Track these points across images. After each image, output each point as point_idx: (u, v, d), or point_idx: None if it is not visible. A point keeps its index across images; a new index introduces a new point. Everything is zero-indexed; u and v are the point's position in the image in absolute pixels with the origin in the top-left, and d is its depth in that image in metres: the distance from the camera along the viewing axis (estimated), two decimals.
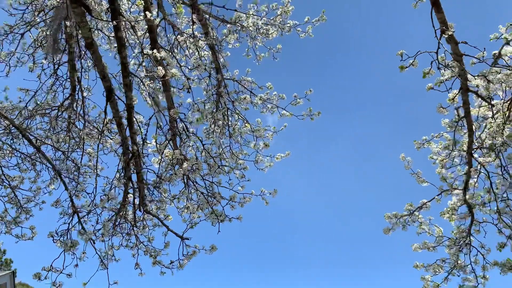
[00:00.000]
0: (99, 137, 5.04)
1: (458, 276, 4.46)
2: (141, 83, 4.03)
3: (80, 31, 3.93)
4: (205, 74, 5.48)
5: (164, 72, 3.72)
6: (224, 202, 4.85)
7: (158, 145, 4.20)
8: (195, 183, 5.07)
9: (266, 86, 5.77)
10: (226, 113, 5.45)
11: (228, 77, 5.59)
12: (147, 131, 4.64)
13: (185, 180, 5.08)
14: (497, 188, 4.10)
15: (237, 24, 5.68)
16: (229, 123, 5.54)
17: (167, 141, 4.25)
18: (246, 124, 5.46)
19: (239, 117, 5.61)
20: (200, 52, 5.47)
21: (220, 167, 5.06)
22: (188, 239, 4.68)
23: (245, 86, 5.78)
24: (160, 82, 4.48)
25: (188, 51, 5.98)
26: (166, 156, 3.79)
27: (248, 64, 6.11)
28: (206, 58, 5.86)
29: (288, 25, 6.14)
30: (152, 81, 4.05)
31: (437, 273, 4.53)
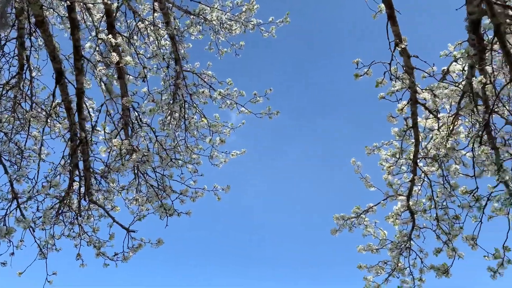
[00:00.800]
0: (46, 121, 4.79)
1: (398, 278, 4.67)
2: (94, 68, 3.87)
3: (30, 8, 3.71)
4: (164, 64, 5.37)
5: (118, 59, 3.59)
6: (175, 196, 4.78)
7: (107, 133, 4.06)
8: (145, 175, 4.95)
9: (226, 82, 5.75)
10: (183, 105, 5.36)
11: (188, 69, 5.50)
12: (97, 118, 4.48)
13: (135, 171, 4.95)
14: (437, 197, 4.32)
15: (201, 16, 5.60)
16: (186, 116, 5.46)
17: (117, 130, 4.11)
18: (203, 119, 5.41)
19: (197, 110, 5.54)
20: (160, 41, 5.35)
21: (173, 160, 4.97)
22: (134, 231, 4.57)
23: (204, 80, 5.71)
24: (115, 69, 4.33)
25: (148, 39, 5.83)
26: (115, 145, 3.66)
27: (210, 58, 6.04)
28: (166, 48, 5.74)
29: (252, 23, 6.14)
30: (105, 67, 3.91)
31: (378, 274, 4.71)
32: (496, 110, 4.21)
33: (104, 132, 3.89)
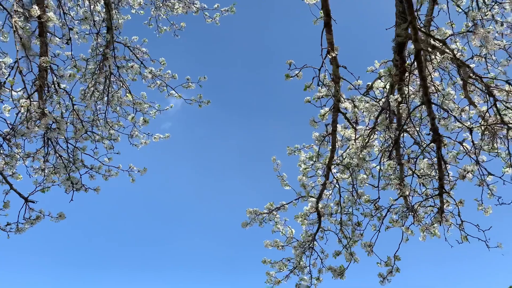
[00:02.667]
0: None
1: (298, 275, 4.86)
2: (10, 18, 3.50)
3: None
4: (94, 32, 5.03)
5: (39, 13, 3.29)
6: (84, 171, 4.52)
7: (16, 92, 3.70)
8: (56, 145, 4.62)
9: (160, 61, 5.55)
10: (108, 77, 5.08)
11: (120, 41, 5.22)
12: (8, 75, 4.07)
13: (45, 139, 4.59)
14: (344, 202, 4.57)
15: None
16: (110, 89, 5.18)
17: (27, 91, 3.77)
18: (128, 94, 5.17)
19: (123, 85, 5.28)
20: (93, 5, 5.00)
21: (89, 133, 4.69)
22: (33, 202, 4.23)
23: (137, 55, 5.47)
24: (37, 25, 3.97)
25: (81, 1, 5.42)
26: (22, 106, 3.35)
27: (148, 35, 5.77)
28: (100, 14, 5.39)
29: (196, 5, 6.00)
30: (24, 20, 3.56)
31: (281, 270, 4.86)
32: (407, 129, 4.56)
33: (11, 89, 3.54)
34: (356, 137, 4.61)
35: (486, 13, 4.57)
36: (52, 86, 4.08)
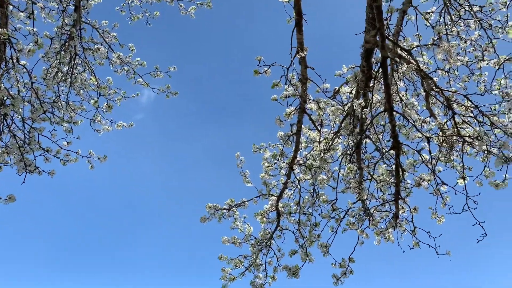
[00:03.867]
0: None
1: (253, 273, 4.85)
2: None
3: None
4: (61, 9, 4.84)
5: None
6: (39, 153, 4.33)
7: None
8: (11, 123, 4.41)
9: (129, 47, 5.42)
10: (73, 58, 4.90)
11: (88, 22, 5.05)
12: None
13: (0, 117, 4.37)
14: (303, 202, 4.61)
15: None
16: (74, 71, 5.00)
17: None
18: (92, 78, 5.01)
19: (88, 68, 5.11)
20: None
21: (48, 113, 4.51)
22: None
23: (105, 38, 5.31)
24: None
25: None
26: None
27: (120, 21, 5.59)
28: None
29: None
30: None
31: (237, 267, 4.84)
32: (369, 135, 4.66)
33: None
34: (320, 139, 4.66)
35: (452, 30, 4.74)
36: (10, 61, 3.89)
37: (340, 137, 4.80)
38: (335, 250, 4.57)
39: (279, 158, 4.66)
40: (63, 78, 5.06)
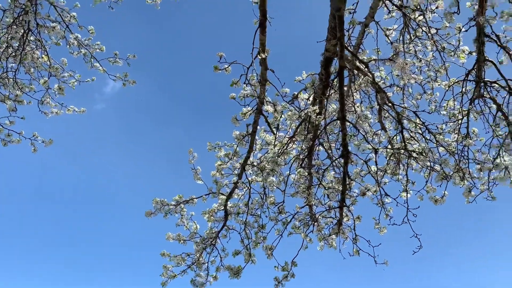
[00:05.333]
0: None
1: (195, 271, 4.78)
2: None
3: None
4: None
5: None
6: None
7: None
8: None
9: (88, 30, 5.20)
10: (26, 34, 4.64)
11: None
12: None
13: None
14: (252, 204, 4.60)
15: None
16: (26, 47, 4.73)
17: None
18: (44, 57, 4.76)
19: (42, 46, 4.86)
20: None
21: None
22: None
23: (63, 17, 5.07)
24: None
25: None
26: None
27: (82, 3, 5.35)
28: None
29: None
30: None
31: (179, 265, 4.76)
32: (322, 142, 4.74)
33: None
34: (275, 142, 4.69)
35: (410, 48, 4.92)
36: None
37: (295, 142, 4.85)
38: (279, 253, 4.61)
39: (232, 158, 4.63)
40: (12, 54, 4.79)
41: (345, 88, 4.78)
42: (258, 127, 4.53)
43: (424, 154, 3.96)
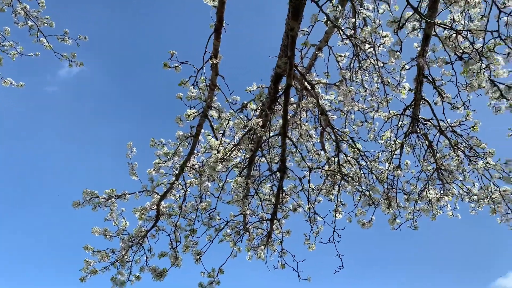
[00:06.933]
0: None
1: (118, 269, 4.64)
2: None
3: None
4: None
5: None
6: None
7: None
8: None
9: (38, 2, 4.95)
10: None
11: None
12: None
13: None
14: (186, 207, 4.57)
15: None
16: None
17: None
18: None
19: None
20: None
21: None
22: None
23: None
24: None
25: None
26: None
27: None
28: None
29: None
30: None
31: (102, 261, 4.59)
32: (265, 154, 4.81)
33: None
34: (219, 148, 4.69)
35: (358, 77, 5.16)
36: None
37: (240, 151, 4.89)
38: (208, 259, 4.59)
39: (172, 158, 4.57)
40: None
41: (294, 106, 4.91)
42: (202, 130, 4.52)
43: (355, 179, 4.15)
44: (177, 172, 4.85)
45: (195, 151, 4.59)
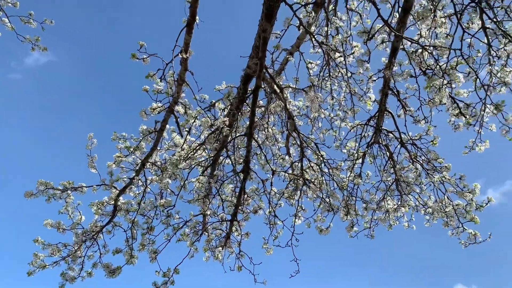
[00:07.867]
0: None
1: (69, 264, 4.45)
2: None
3: None
4: None
5: None
6: None
7: None
8: None
9: None
10: None
11: None
12: None
13: None
14: (144, 203, 4.45)
15: None
16: None
17: None
18: None
19: None
20: None
21: None
22: None
23: None
24: None
25: None
26: None
27: None
28: None
29: None
30: None
31: (53, 255, 4.40)
32: (230, 155, 4.78)
33: None
34: (184, 146, 4.62)
35: (327, 85, 5.24)
36: None
37: (205, 150, 4.83)
38: (165, 259, 4.48)
39: (134, 152, 4.45)
40: None
41: (262, 109, 4.91)
42: (168, 126, 4.44)
43: (317, 185, 4.19)
44: (137, 167, 4.73)
45: (159, 148, 4.49)
